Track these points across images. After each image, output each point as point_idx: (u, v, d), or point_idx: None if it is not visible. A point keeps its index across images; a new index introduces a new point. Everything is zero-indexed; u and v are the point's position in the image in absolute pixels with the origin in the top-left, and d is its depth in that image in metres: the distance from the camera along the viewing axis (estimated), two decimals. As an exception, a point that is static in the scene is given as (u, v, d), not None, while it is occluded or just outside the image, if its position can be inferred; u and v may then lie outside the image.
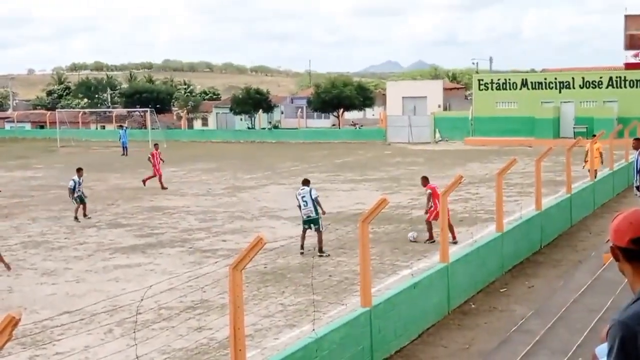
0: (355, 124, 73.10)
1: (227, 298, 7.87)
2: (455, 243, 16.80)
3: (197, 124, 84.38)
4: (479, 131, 53.69)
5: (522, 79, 55.28)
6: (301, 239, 16.82)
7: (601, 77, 52.49)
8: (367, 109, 75.55)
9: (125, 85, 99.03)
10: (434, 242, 17.07)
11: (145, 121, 70.96)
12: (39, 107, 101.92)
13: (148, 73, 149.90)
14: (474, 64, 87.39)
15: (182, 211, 24.27)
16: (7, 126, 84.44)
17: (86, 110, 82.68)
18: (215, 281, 12.92)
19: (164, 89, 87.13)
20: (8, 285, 14.89)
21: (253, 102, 68.06)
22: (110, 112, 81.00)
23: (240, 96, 69.47)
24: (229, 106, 71.74)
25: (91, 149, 58.74)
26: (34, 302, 13.82)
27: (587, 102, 52.06)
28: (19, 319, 4.76)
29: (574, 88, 52.66)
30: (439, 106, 64.69)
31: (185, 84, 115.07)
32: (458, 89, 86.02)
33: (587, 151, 25.57)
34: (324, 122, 78.84)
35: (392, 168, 36.70)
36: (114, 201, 27.13)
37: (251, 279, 14.15)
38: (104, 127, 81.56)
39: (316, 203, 16.66)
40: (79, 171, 23.61)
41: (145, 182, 30.33)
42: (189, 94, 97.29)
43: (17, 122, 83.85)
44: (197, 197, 27.67)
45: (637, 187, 17.07)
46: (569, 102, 52.17)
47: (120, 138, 53.02)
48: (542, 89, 53.69)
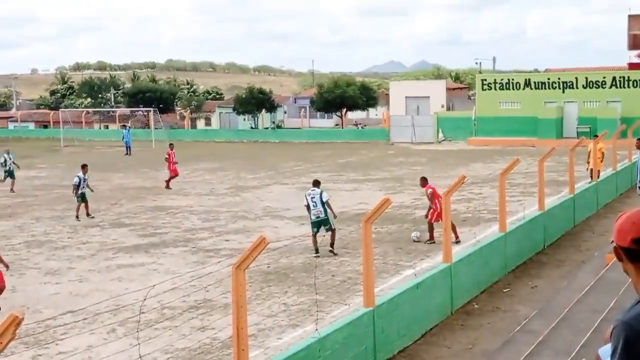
0: (357, 124, 73.00)
1: (230, 298, 7.88)
2: (458, 242, 16.80)
3: (200, 124, 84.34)
4: (482, 131, 53.64)
5: (526, 79, 55.18)
6: (314, 243, 16.67)
7: (604, 77, 52.39)
8: (370, 109, 75.47)
9: (128, 85, 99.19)
10: (434, 243, 17.07)
11: (148, 121, 70.99)
12: (43, 106, 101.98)
13: (151, 73, 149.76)
14: (477, 63, 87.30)
15: (185, 211, 24.29)
16: (11, 126, 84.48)
17: (89, 109, 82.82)
18: (218, 281, 12.92)
19: (167, 89, 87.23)
20: (11, 285, 14.89)
21: (256, 101, 68.05)
22: (113, 111, 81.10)
23: (244, 96, 69.46)
24: (232, 106, 71.73)
25: (94, 148, 58.77)
26: (37, 301, 13.85)
27: (590, 102, 51.98)
28: (22, 319, 4.77)
29: (577, 88, 52.58)
30: (442, 106, 64.59)
31: (189, 83, 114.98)
32: (461, 88, 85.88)
33: (590, 152, 25.57)
34: (327, 122, 78.79)
35: (395, 168, 36.68)
36: (117, 201, 27.16)
37: (254, 278, 14.17)
38: (107, 127, 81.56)
39: (327, 206, 16.65)
40: (84, 167, 23.65)
41: (169, 185, 30.31)
42: (192, 94, 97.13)
43: (21, 121, 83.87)
44: (200, 197, 27.69)
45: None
46: (572, 102, 52.09)
47: (123, 138, 53.08)
48: (545, 89, 53.61)
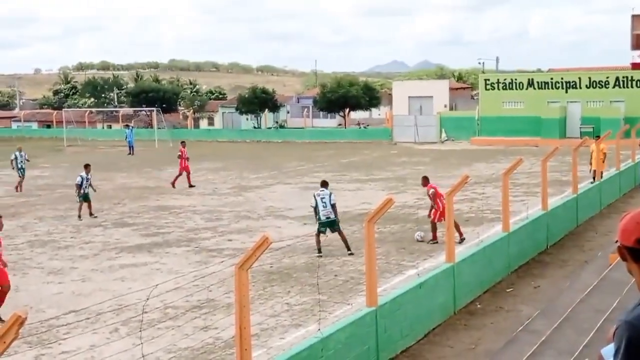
0: (360, 124, 72.95)
1: (233, 297, 7.88)
2: (463, 240, 16.79)
3: (203, 124, 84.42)
4: (485, 131, 53.60)
5: (529, 79, 55.14)
6: (317, 243, 16.66)
7: (608, 77, 52.32)
8: (373, 109, 75.43)
9: (131, 85, 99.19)
10: (437, 243, 17.06)
11: (151, 121, 71.01)
12: (46, 106, 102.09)
13: (154, 72, 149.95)
14: (480, 63, 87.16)
15: (188, 210, 24.30)
16: (14, 125, 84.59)
17: (92, 109, 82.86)
18: (221, 280, 12.93)
19: (170, 89, 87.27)
20: (15, 284, 14.88)
21: (259, 101, 68.07)
22: (116, 111, 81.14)
23: (247, 96, 69.49)
24: (235, 106, 71.77)
25: (97, 148, 58.82)
26: (40, 301, 13.86)
27: (593, 102, 51.91)
28: (25, 318, 4.77)
29: (580, 88, 52.52)
30: (445, 106, 64.58)
31: (192, 83, 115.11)
32: (464, 88, 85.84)
33: (592, 153, 25.56)
34: (330, 122, 78.81)
35: (398, 168, 36.67)
36: (120, 200, 27.17)
37: (257, 278, 14.16)
38: (110, 127, 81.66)
39: (333, 209, 16.65)
40: (87, 167, 23.65)
41: (190, 183, 30.32)
42: (195, 94, 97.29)
43: (24, 121, 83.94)
44: (203, 197, 27.69)
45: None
46: (576, 102, 52.02)
47: (126, 137, 53.09)
48: (548, 88, 53.56)
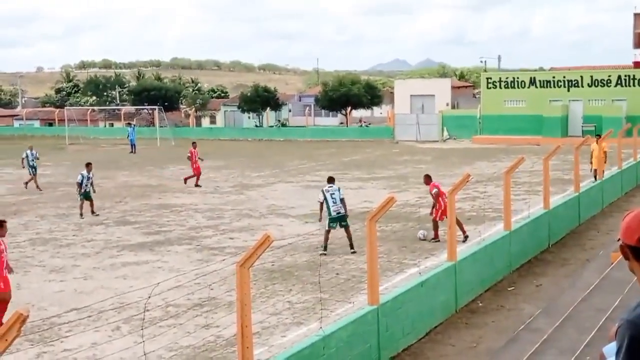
0: (362, 122, 72.90)
1: (234, 295, 7.88)
2: (467, 238, 16.78)
3: (205, 122, 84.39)
4: (487, 129, 53.59)
5: (531, 78, 55.10)
6: (325, 240, 16.66)
7: (610, 76, 52.28)
8: (375, 107, 75.42)
9: (133, 83, 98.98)
10: (438, 242, 17.06)
11: (153, 119, 71.06)
12: (48, 104, 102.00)
13: (156, 71, 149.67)
14: (482, 62, 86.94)
15: (189, 209, 24.31)
16: (16, 124, 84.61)
17: (95, 107, 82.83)
18: (223, 279, 12.94)
19: (172, 87, 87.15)
20: (16, 282, 14.91)
21: (261, 100, 68.09)
22: (118, 109, 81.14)
23: (249, 94, 69.51)
24: (237, 104, 71.81)
25: (99, 146, 58.84)
26: (42, 299, 13.88)
27: (595, 100, 51.88)
28: (27, 316, 4.77)
29: (582, 86, 52.47)
30: (447, 104, 64.58)
31: (194, 81, 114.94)
32: (466, 87, 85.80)
33: (592, 152, 25.55)
34: (331, 120, 78.78)
35: (400, 166, 36.66)
36: (121, 198, 27.19)
37: (258, 276, 14.17)
38: (112, 125, 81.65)
39: (342, 203, 16.70)
40: (88, 166, 23.65)
41: (186, 181, 30.30)
42: (197, 92, 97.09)
43: (26, 119, 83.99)
44: (205, 195, 27.70)
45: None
46: (578, 100, 51.99)
47: (128, 136, 53.10)
48: (550, 87, 53.51)
